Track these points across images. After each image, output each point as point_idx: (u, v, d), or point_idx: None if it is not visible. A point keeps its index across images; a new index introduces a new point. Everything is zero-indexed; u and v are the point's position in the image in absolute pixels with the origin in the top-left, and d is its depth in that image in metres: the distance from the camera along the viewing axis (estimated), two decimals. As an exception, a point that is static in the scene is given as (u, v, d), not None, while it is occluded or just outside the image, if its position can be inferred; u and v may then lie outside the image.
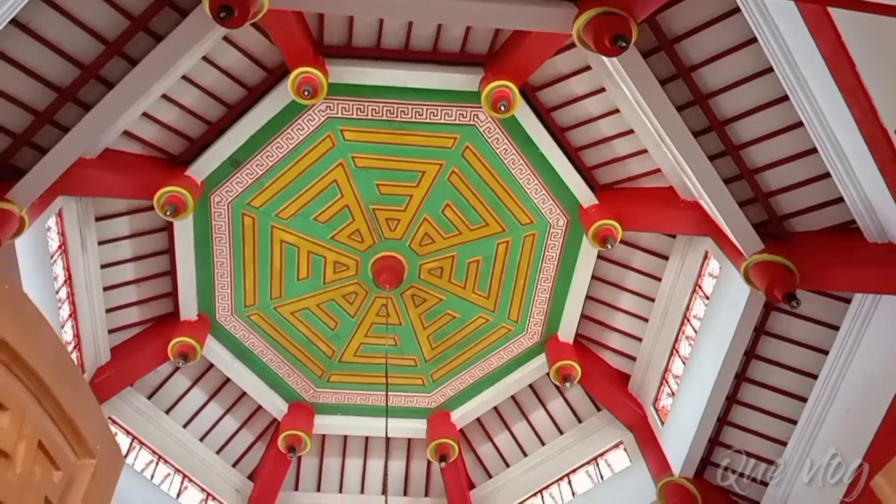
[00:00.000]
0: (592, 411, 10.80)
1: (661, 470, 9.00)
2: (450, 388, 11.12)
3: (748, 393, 8.45)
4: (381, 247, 9.94)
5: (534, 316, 10.49)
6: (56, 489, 1.38)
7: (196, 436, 10.43)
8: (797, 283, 7.14)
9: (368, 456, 11.34)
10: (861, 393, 7.21)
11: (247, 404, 10.68)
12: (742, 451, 8.64)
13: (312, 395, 10.92)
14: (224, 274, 9.85)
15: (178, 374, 10.23)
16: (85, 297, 8.92)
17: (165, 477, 9.87)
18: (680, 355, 9.27)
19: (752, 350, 8.18)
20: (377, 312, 10.53)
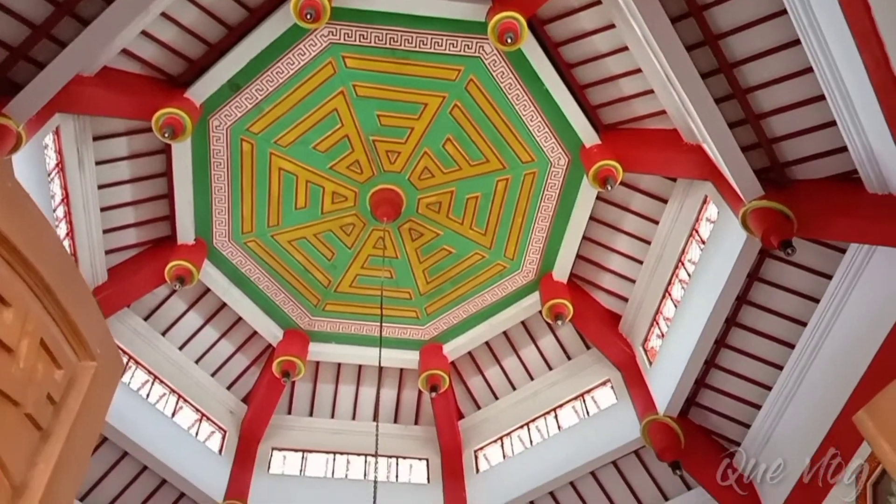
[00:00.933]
0: (582, 349, 10.99)
1: (646, 408, 9.21)
2: (443, 321, 11.26)
3: (737, 337, 8.57)
4: (380, 179, 9.90)
5: (529, 254, 10.54)
6: (58, 387, 1.41)
7: (191, 358, 10.59)
8: (794, 231, 7.15)
9: (361, 384, 11.56)
10: (848, 342, 7.32)
11: (242, 329, 10.82)
12: (728, 394, 8.84)
13: (308, 322, 11.05)
14: (222, 199, 9.83)
15: (175, 297, 10.31)
16: (82, 216, 8.91)
17: (161, 397, 10.06)
18: (672, 298, 9.36)
19: (743, 295, 8.26)
20: (374, 245, 10.57)
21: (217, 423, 10.56)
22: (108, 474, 9.13)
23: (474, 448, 11.07)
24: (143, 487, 9.37)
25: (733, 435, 8.95)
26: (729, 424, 8.95)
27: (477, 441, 11.13)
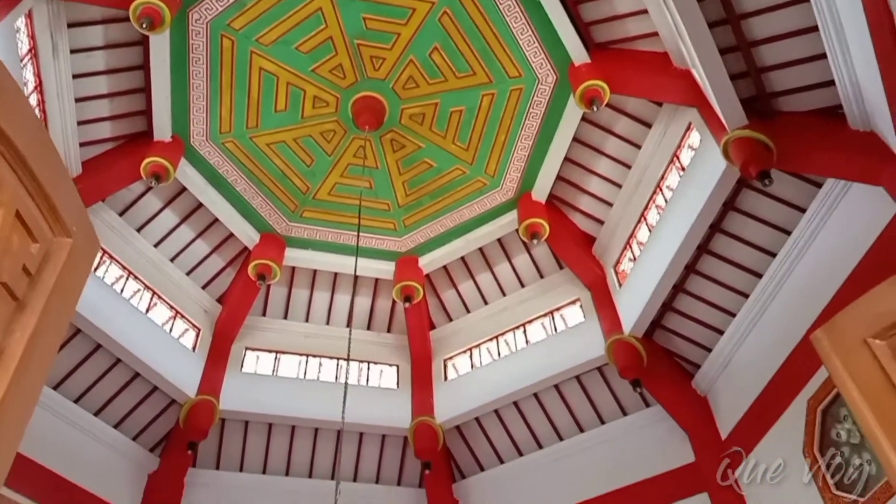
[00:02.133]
0: (555, 269, 11.15)
1: (612, 328, 9.45)
2: (420, 234, 11.31)
3: (707, 264, 8.74)
4: (364, 86, 9.70)
5: (510, 173, 10.52)
6: (34, 260, 1.41)
7: (167, 256, 10.58)
8: (773, 163, 7.19)
9: (336, 291, 11.68)
10: (814, 275, 7.50)
11: (218, 230, 10.78)
12: (693, 318, 9.08)
13: (285, 228, 11.03)
14: (200, 97, 9.60)
15: (151, 194, 10.20)
16: (56, 105, 8.66)
17: (135, 293, 10.09)
18: (647, 223, 9.47)
19: (717, 223, 8.37)
20: (354, 153, 10.46)
21: (191, 321, 10.67)
22: (81, 366, 9.22)
23: (444, 357, 11.36)
24: (115, 380, 9.50)
25: (694, 358, 9.26)
26: (691, 347, 9.24)
27: (447, 351, 11.41)
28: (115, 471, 9.44)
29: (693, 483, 8.70)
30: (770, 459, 7.82)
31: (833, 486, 6.88)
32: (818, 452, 7.16)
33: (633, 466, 9.30)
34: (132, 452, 9.71)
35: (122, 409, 9.66)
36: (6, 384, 1.29)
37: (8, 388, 1.28)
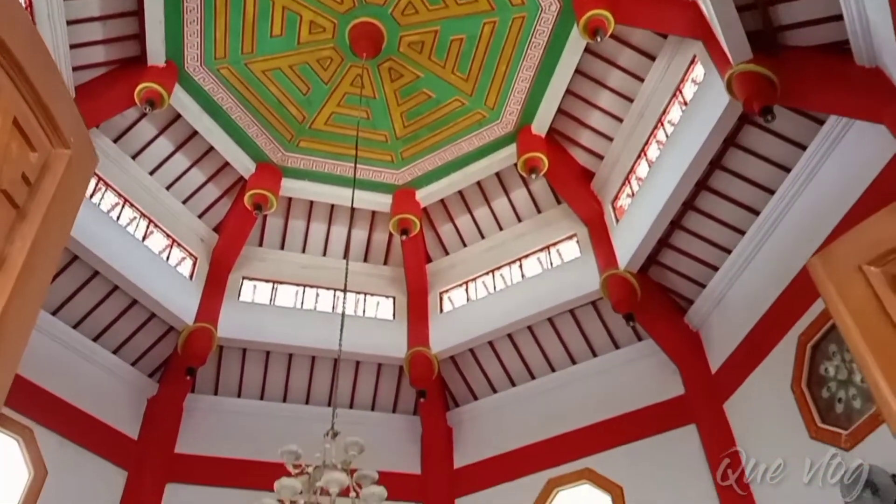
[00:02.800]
0: (553, 204, 11.14)
1: (607, 263, 9.51)
2: (418, 167, 11.23)
3: (705, 201, 8.73)
4: (361, 11, 9.46)
5: (510, 105, 10.38)
6: (33, 168, 1.40)
7: (162, 184, 10.52)
8: (777, 98, 7.11)
9: (333, 222, 11.67)
10: (811, 213, 7.52)
11: (214, 159, 10.69)
12: (688, 254, 9.13)
13: (281, 157, 10.94)
14: (194, 21, 9.37)
15: (145, 121, 10.06)
16: (48, 27, 8.42)
17: (131, 220, 10.07)
18: (647, 158, 9.42)
19: (717, 160, 8.33)
20: (351, 82, 10.29)
21: (188, 250, 10.69)
22: (79, 292, 9.28)
23: (440, 290, 11.45)
24: (113, 306, 9.58)
25: (688, 293, 9.35)
26: (685, 283, 9.32)
27: (443, 284, 11.49)
28: (114, 395, 9.62)
29: (682, 415, 8.92)
30: (758, 393, 8.00)
31: (818, 420, 7.05)
32: (805, 387, 7.31)
33: (623, 398, 9.51)
34: (131, 377, 9.88)
35: (120, 334, 9.77)
36: (9, 291, 1.29)
37: (11, 295, 1.29)
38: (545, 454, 9.68)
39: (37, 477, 8.28)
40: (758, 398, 8.01)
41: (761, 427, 7.89)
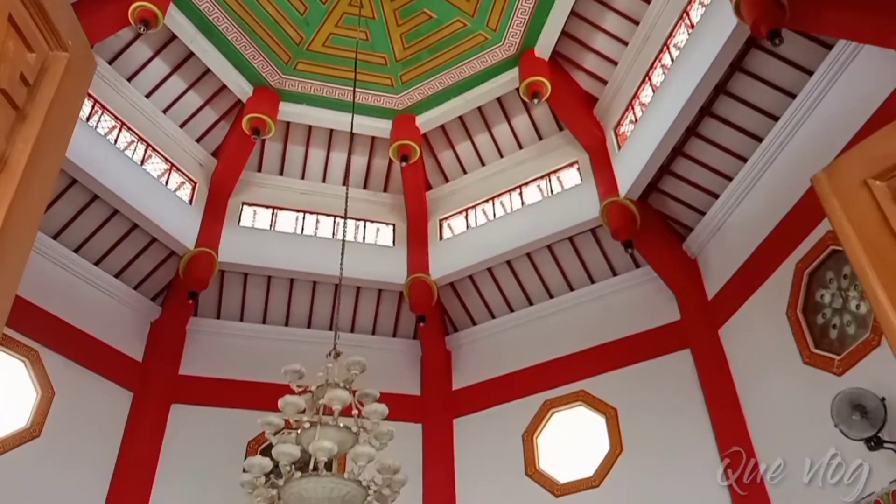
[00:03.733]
0: (554, 130, 11.02)
1: (608, 191, 9.48)
2: (418, 91, 11.06)
3: (709, 127, 8.64)
4: (361, -74, 9.14)
5: (513, 27, 10.13)
6: (31, 69, 1.37)
7: (159, 107, 10.37)
8: (785, 21, 6.93)
9: (332, 148, 11.57)
10: (815, 138, 7.45)
11: (210, 82, 10.50)
12: (689, 182, 9.09)
13: (278, 80, 10.75)
14: (187, -64, 9.05)
15: (140, 42, 9.83)
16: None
17: (129, 144, 9.97)
18: (651, 83, 9.26)
19: (722, 85, 8.19)
20: (350, 1, 10.02)
21: (187, 174, 10.62)
22: (79, 216, 9.27)
23: (439, 217, 11.45)
24: (114, 231, 9.59)
25: (688, 221, 9.36)
26: (685, 211, 9.32)
27: (443, 211, 11.49)
28: (118, 318, 9.74)
29: (677, 340, 9.07)
30: (753, 319, 8.11)
31: (812, 345, 7.17)
32: (801, 314, 7.41)
33: (619, 323, 9.65)
34: (134, 301, 9.98)
35: (121, 259, 9.82)
36: (12, 192, 1.29)
37: (14, 197, 1.29)
38: (541, 377, 9.89)
39: (44, 397, 8.47)
40: (753, 324, 8.12)
41: (755, 352, 8.03)
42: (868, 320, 6.53)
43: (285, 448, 5.05)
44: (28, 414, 8.31)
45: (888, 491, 5.94)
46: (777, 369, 7.59)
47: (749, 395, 8.07)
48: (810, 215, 7.27)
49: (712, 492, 7.92)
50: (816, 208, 7.04)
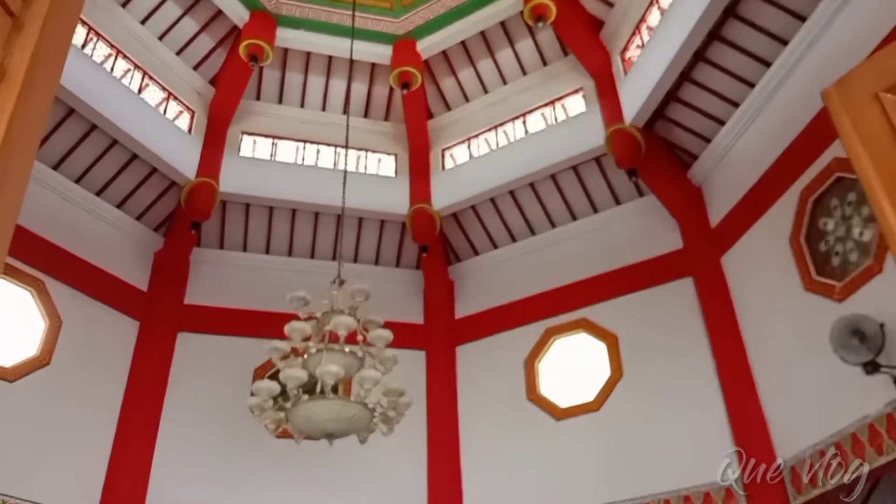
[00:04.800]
0: (559, 56, 10.79)
1: (613, 118, 9.36)
2: (419, 15, 10.78)
3: (717, 52, 8.44)
4: None
5: (517, -54, 9.81)
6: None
7: (154, 34, 10.14)
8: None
9: (331, 76, 11.37)
10: (825, 63, 7.29)
11: (206, 7, 10.22)
12: (696, 108, 8.95)
13: (275, 5, 10.48)
14: None
15: (132, -36, 9.55)
16: None
17: (125, 73, 9.80)
18: (659, 5, 9.01)
19: (732, 8, 7.96)
20: (349, -79, 9.68)
21: (185, 103, 10.48)
22: (78, 146, 9.20)
23: (442, 147, 11.35)
24: (113, 161, 9.53)
25: (693, 148, 9.26)
26: (691, 138, 9.21)
27: (445, 140, 11.37)
28: (121, 249, 9.79)
29: (679, 268, 9.11)
30: (756, 247, 8.12)
31: (813, 272, 7.20)
32: (804, 241, 7.41)
33: (622, 252, 9.68)
34: (137, 232, 10.01)
35: (122, 189, 9.79)
36: (13, 103, 1.27)
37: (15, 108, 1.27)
38: (543, 305, 9.98)
39: (52, 326, 8.59)
40: (755, 252, 8.14)
41: (756, 279, 8.08)
42: (871, 248, 6.53)
43: (292, 372, 5.15)
44: (37, 343, 8.44)
45: (882, 414, 6.07)
46: (778, 296, 7.65)
47: (749, 322, 8.16)
48: (817, 142, 7.19)
49: (710, 416, 8.11)
50: (823, 135, 7.00)
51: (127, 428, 8.87)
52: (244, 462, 9.12)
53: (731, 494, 7.68)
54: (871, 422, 6.19)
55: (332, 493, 9.15)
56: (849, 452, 6.41)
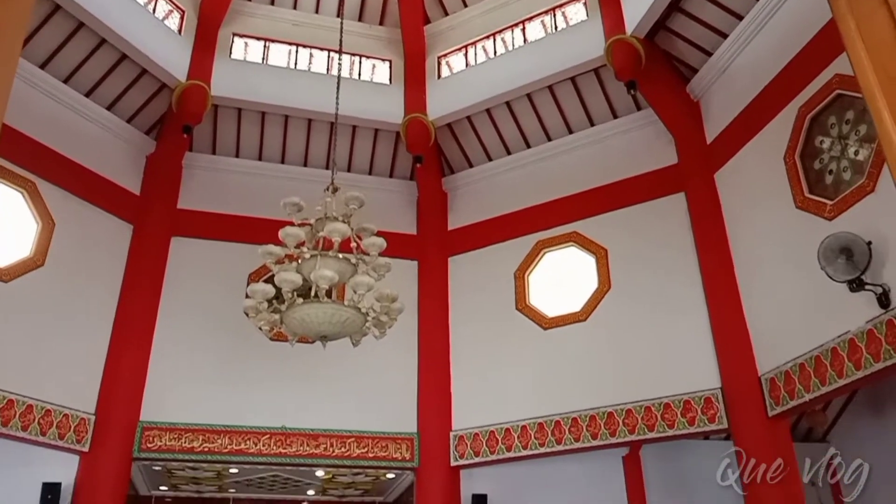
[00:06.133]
0: (561, -41, 10.43)
1: (614, 27, 9.13)
2: (417, -87, 10.33)
3: (723, -40, 8.19)
4: None
5: None
6: None
7: (140, -74, 9.71)
8: None
9: (325, -25, 10.98)
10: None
11: None
12: (699, 20, 8.73)
13: None
14: None
15: None
16: None
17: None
18: None
19: (743, -87, 7.67)
20: None
21: (174, 2, 10.13)
22: (65, 45, 8.96)
23: (438, 54, 11.09)
24: (102, 61, 9.29)
25: (693, 62, 9.09)
26: (692, 51, 9.02)
27: (441, 47, 11.11)
28: (113, 151, 9.69)
29: (672, 183, 9.12)
30: (750, 163, 8.11)
31: (806, 190, 7.23)
32: (798, 158, 7.40)
33: (616, 166, 9.66)
34: (128, 134, 9.88)
35: (112, 91, 9.59)
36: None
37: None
38: (535, 218, 10.04)
39: (45, 228, 8.60)
40: (749, 168, 8.14)
41: (748, 196, 8.11)
42: (865, 167, 6.54)
43: (287, 275, 5.21)
44: (31, 244, 8.46)
45: (863, 330, 6.23)
46: (769, 213, 7.70)
47: (739, 238, 8.24)
48: (819, 57, 7.08)
49: (695, 328, 8.31)
50: (826, 50, 6.89)
51: (123, 328, 9.03)
52: (240, 364, 9.34)
53: (709, 403, 7.97)
54: (851, 337, 6.36)
55: (324, 395, 9.43)
56: (828, 366, 6.62)
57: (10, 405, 7.69)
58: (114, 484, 8.47)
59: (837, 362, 6.50)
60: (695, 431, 8.08)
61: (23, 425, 7.75)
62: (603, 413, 8.55)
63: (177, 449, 8.79)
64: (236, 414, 9.08)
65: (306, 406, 9.32)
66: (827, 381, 6.63)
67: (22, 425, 7.75)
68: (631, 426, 8.34)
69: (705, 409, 7.97)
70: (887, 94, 1.75)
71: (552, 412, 8.86)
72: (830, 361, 6.59)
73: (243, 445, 8.95)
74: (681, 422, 8.08)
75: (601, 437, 8.49)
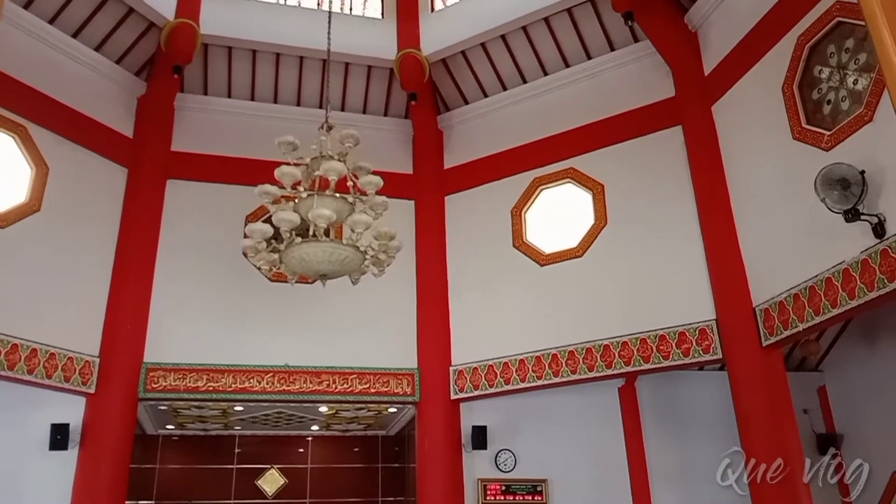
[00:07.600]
0: None
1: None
2: None
3: None
4: None
5: None
6: None
7: None
8: None
9: None
10: None
11: None
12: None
13: None
14: None
15: None
16: None
17: None
18: None
19: None
20: None
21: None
22: (49, -18, 8.73)
23: (431, -13, 10.85)
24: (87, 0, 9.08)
25: (688, -8, 8.92)
26: (689, -23, 8.84)
27: (434, -22, 10.85)
28: (103, 93, 9.55)
29: (669, 116, 9.04)
30: (748, 95, 8.03)
31: (803, 121, 7.18)
32: (796, 88, 7.33)
33: (613, 100, 9.55)
34: (117, 76, 9.71)
35: (99, 31, 9.38)
36: None
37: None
38: (532, 155, 9.99)
39: (39, 173, 8.55)
40: (747, 100, 8.06)
41: (746, 128, 8.06)
42: (864, 96, 6.48)
43: (285, 215, 5.22)
44: (26, 189, 8.43)
45: (858, 260, 6.28)
46: (766, 145, 7.68)
47: (735, 170, 8.23)
48: (819, -15, 6.94)
49: (690, 260, 8.38)
50: (828, -25, 6.74)
51: (123, 272, 9.08)
52: (241, 304, 9.44)
53: (704, 334, 8.10)
54: (846, 267, 6.42)
55: (326, 333, 9.57)
56: (822, 296, 6.70)
57: (15, 349, 7.79)
58: (121, 424, 8.65)
59: (831, 292, 6.58)
60: (690, 362, 8.23)
61: (28, 368, 7.87)
62: (599, 346, 8.69)
63: (182, 388, 8.96)
64: (239, 353, 9.22)
65: (308, 344, 9.46)
66: (821, 311, 6.73)
67: (28, 368, 7.86)
68: (627, 358, 8.49)
69: (700, 339, 8.11)
70: (888, 15, 1.73)
71: (549, 346, 9.02)
72: (824, 291, 6.67)
73: (247, 384, 9.12)
74: (676, 353, 8.22)
75: (597, 369, 8.66)
